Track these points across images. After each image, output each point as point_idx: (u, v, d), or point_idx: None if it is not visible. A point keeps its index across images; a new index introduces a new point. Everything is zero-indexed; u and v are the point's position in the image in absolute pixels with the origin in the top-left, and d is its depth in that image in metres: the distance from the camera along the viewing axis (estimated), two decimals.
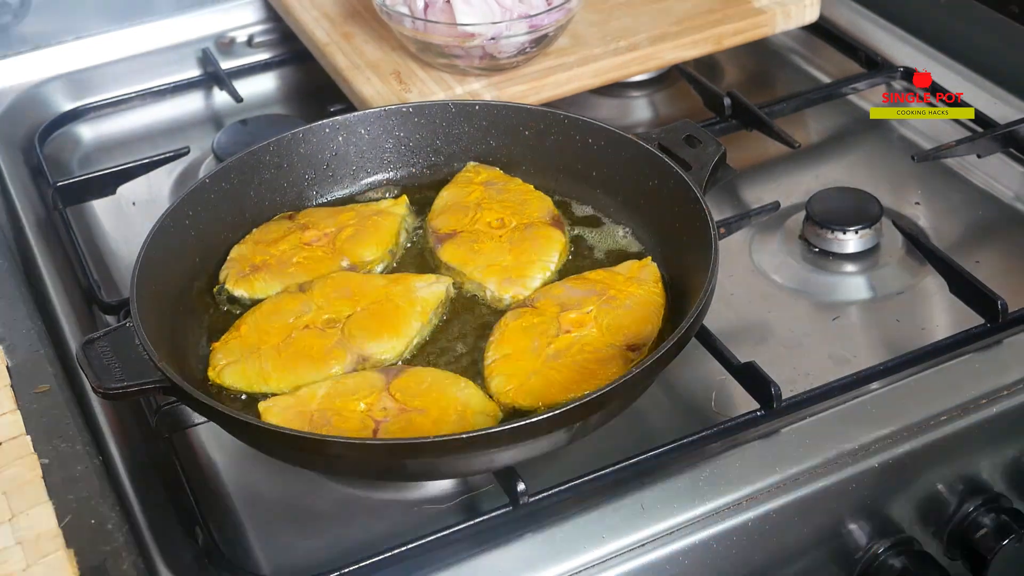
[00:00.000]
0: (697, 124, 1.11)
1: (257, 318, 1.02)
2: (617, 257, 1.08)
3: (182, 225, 1.06)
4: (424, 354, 1.00)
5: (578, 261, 1.08)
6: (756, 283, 1.17)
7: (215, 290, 1.05)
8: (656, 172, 1.07)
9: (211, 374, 0.98)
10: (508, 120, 1.16)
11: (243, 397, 0.97)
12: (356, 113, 1.17)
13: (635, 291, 1.01)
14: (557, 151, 1.14)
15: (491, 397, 0.95)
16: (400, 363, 0.99)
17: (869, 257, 1.18)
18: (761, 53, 1.50)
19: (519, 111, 1.16)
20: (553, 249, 1.08)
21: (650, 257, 1.06)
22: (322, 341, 0.99)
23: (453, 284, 1.06)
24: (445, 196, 1.14)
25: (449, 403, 0.93)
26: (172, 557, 0.90)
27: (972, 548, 1.00)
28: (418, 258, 1.11)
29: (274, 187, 1.14)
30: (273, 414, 0.93)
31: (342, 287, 1.04)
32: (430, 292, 1.04)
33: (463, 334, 1.02)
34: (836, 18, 1.48)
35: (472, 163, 1.17)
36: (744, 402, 0.99)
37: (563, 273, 1.07)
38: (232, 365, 0.98)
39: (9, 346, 1.07)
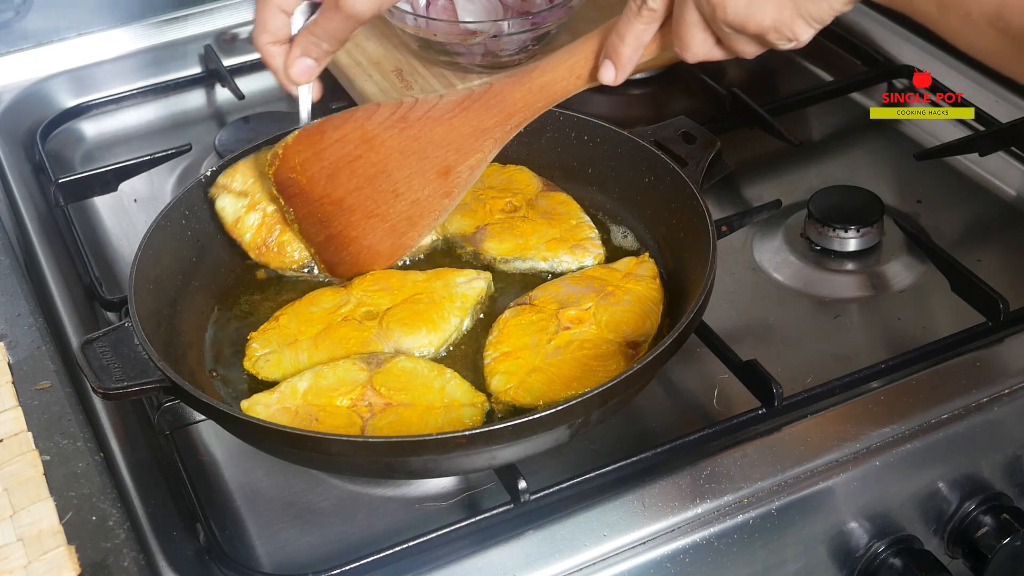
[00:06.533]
0: (694, 120, 1.11)
1: (296, 309, 1.02)
2: (615, 254, 1.09)
3: (178, 225, 1.06)
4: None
5: None
6: (757, 281, 1.17)
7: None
8: (652, 168, 1.08)
9: (246, 364, 0.99)
10: None
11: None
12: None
13: (633, 287, 1.01)
14: (553, 148, 1.14)
15: (489, 396, 0.95)
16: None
17: (871, 255, 1.18)
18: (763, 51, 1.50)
19: None
20: (577, 208, 1.11)
21: (647, 253, 1.06)
22: (360, 334, 1.00)
23: (492, 280, 1.06)
24: None
25: (435, 396, 0.93)
26: (173, 554, 0.90)
27: (973, 547, 1.00)
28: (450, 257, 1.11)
29: None
30: (257, 411, 0.93)
31: (381, 280, 1.04)
32: (470, 288, 1.03)
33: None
34: (838, 16, 1.48)
35: None
36: (745, 400, 0.99)
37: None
38: (269, 356, 0.99)
39: (11, 343, 1.07)
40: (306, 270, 1.08)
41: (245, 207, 1.07)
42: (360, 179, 1.01)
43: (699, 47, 0.91)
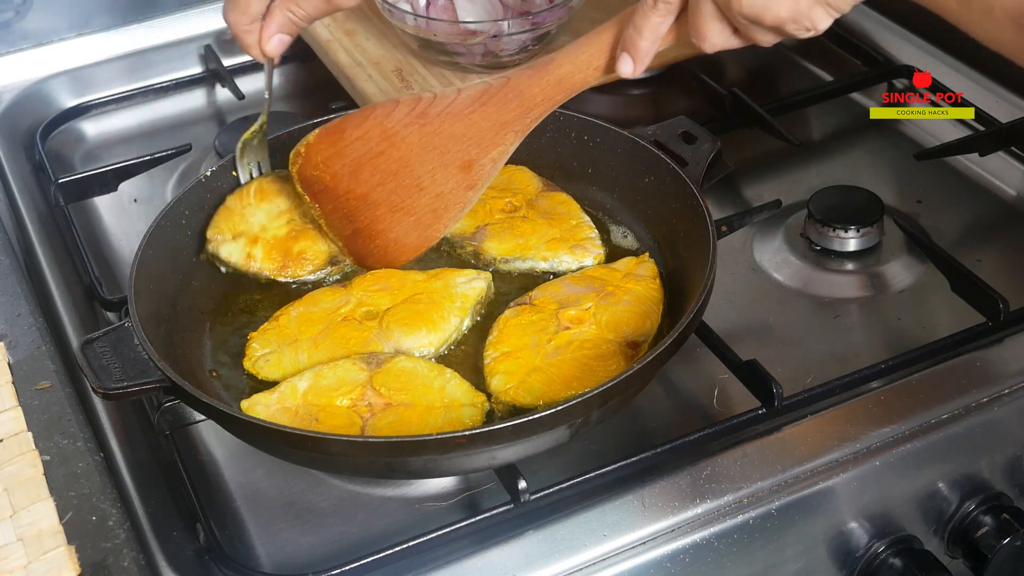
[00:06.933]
0: (694, 120, 1.11)
1: (296, 309, 1.02)
2: (615, 254, 1.08)
3: (178, 224, 1.06)
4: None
5: None
6: (757, 281, 1.17)
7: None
8: (652, 168, 1.08)
9: (246, 364, 0.99)
10: None
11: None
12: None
13: (633, 287, 1.01)
14: (552, 148, 1.14)
15: (489, 396, 0.95)
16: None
17: (870, 255, 1.18)
18: (763, 51, 1.49)
19: None
20: (577, 208, 1.11)
21: (647, 253, 1.06)
22: (360, 334, 1.00)
23: (492, 280, 1.06)
24: None
25: (435, 396, 0.93)
26: (173, 553, 0.90)
27: (973, 547, 1.00)
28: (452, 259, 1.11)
29: None
30: (257, 411, 0.93)
31: (381, 280, 1.04)
32: (470, 288, 1.03)
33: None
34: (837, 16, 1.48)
35: None
36: (745, 400, 0.99)
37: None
38: (269, 356, 0.99)
39: (11, 343, 1.07)
40: (324, 272, 1.08)
41: (246, 247, 1.07)
42: (383, 175, 1.02)
43: (716, 37, 0.91)
